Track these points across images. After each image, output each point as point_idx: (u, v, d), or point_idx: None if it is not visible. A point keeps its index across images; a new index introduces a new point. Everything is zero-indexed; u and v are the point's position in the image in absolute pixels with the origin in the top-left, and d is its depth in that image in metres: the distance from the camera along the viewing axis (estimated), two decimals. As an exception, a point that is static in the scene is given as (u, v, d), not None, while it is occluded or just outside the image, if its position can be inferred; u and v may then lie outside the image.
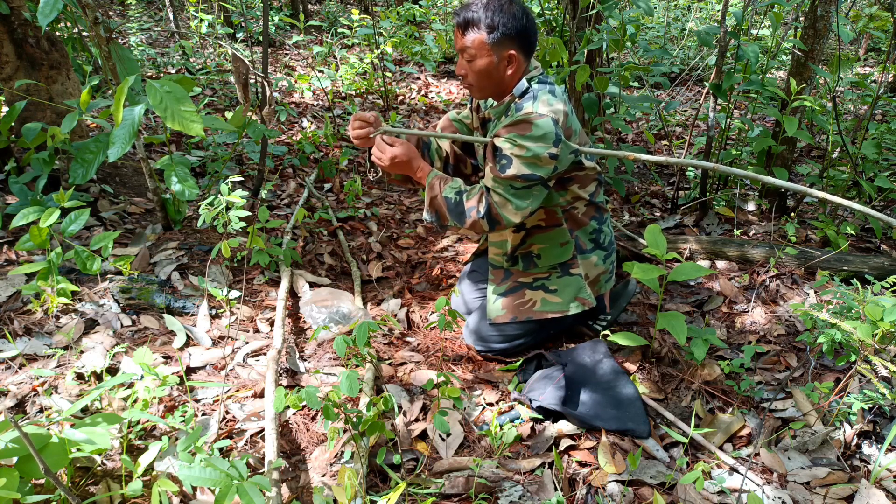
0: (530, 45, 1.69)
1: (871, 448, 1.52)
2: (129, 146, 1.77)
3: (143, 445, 1.39)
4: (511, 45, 1.64)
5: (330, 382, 1.76)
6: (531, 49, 1.71)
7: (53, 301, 1.79)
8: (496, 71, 1.67)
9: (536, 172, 1.64)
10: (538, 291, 1.89)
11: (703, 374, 1.81)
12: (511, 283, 1.92)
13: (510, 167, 1.64)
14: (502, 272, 1.95)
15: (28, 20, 2.41)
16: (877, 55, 6.28)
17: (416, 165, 1.77)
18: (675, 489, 1.43)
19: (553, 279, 1.89)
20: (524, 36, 1.65)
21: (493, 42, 1.63)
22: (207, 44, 5.50)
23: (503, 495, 1.40)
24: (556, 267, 1.89)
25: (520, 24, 1.63)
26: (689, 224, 2.85)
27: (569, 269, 1.90)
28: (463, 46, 1.66)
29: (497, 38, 1.62)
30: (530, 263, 1.90)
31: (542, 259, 1.89)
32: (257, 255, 2.09)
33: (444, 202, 1.73)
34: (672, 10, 6.94)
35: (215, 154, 3.20)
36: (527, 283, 1.91)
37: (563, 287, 1.89)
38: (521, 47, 1.66)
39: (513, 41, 1.64)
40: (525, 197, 1.68)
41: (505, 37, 1.62)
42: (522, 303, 1.89)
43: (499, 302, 1.92)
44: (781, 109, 2.74)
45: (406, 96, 5.08)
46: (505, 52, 1.65)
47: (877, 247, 2.55)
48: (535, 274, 1.91)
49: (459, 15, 1.65)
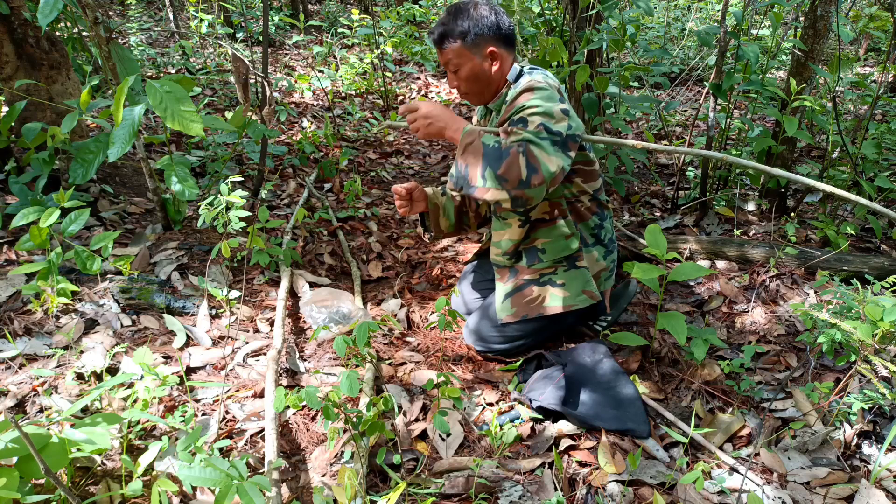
0: (508, 38, 1.73)
1: (871, 448, 1.52)
2: (129, 146, 1.77)
3: (143, 445, 1.39)
4: (488, 43, 1.70)
5: (330, 382, 1.76)
6: (510, 42, 1.74)
7: (53, 301, 1.79)
8: (483, 71, 1.74)
9: (553, 127, 1.59)
10: (545, 287, 1.87)
11: (703, 374, 1.81)
12: (517, 281, 1.90)
13: (529, 123, 1.60)
14: (507, 271, 1.94)
15: (28, 20, 2.41)
16: (877, 55, 6.28)
17: (449, 120, 1.70)
18: (675, 489, 1.43)
19: (559, 273, 1.87)
20: (497, 30, 1.70)
21: (471, 45, 1.69)
22: (207, 44, 5.50)
23: (503, 495, 1.40)
24: (561, 261, 1.88)
25: (489, 21, 1.69)
26: (689, 224, 2.84)
27: (575, 262, 1.88)
28: (446, 60, 1.73)
29: (472, 39, 1.69)
30: (534, 258, 1.88)
31: (547, 253, 1.87)
32: (257, 255, 2.09)
33: (482, 146, 1.61)
34: (672, 10, 6.93)
35: (215, 154, 3.20)
36: (533, 279, 1.88)
37: (570, 280, 1.86)
38: (498, 41, 1.71)
39: (489, 39, 1.70)
40: (557, 146, 1.59)
41: (479, 37, 1.69)
42: (531, 300, 1.87)
43: (507, 301, 1.90)
44: (781, 109, 2.74)
45: (406, 96, 5.08)
46: (485, 50, 1.71)
47: (877, 247, 2.55)
48: (541, 269, 1.88)
49: (433, 33, 1.73)
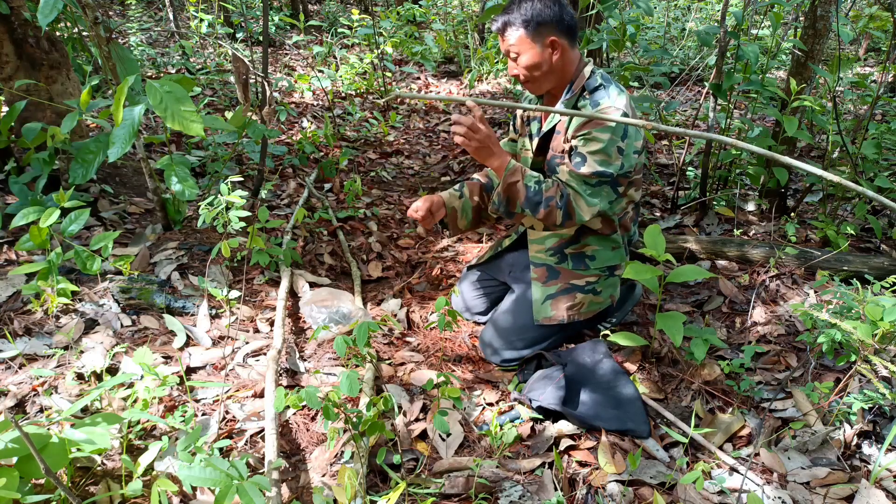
0: (570, 30, 1.72)
1: (871, 448, 1.52)
2: (129, 146, 1.77)
3: (143, 445, 1.39)
4: (550, 32, 1.68)
5: (330, 382, 1.76)
6: (573, 33, 1.73)
7: (53, 301, 1.79)
8: (544, 60, 1.71)
9: (607, 169, 1.68)
10: (588, 295, 1.91)
11: (703, 374, 1.81)
12: (563, 285, 1.91)
13: (584, 164, 1.69)
14: (546, 270, 1.93)
15: (28, 20, 2.41)
16: (877, 55, 6.28)
17: (499, 151, 1.73)
18: (675, 489, 1.43)
19: (601, 282, 1.92)
20: (560, 21, 1.68)
21: (532, 33, 1.67)
22: (207, 44, 5.50)
23: (503, 495, 1.40)
24: (605, 269, 1.91)
25: (552, 10, 1.67)
26: (689, 224, 2.84)
27: (614, 271, 1.94)
28: (507, 48, 1.72)
29: (534, 28, 1.67)
30: (581, 264, 1.90)
31: (596, 261, 1.90)
32: (257, 255, 2.09)
33: (524, 189, 1.72)
34: (672, 10, 6.94)
35: (215, 154, 3.20)
36: (579, 286, 1.90)
37: (605, 288, 1.93)
38: (560, 32, 1.69)
39: (551, 28, 1.68)
40: (596, 195, 1.71)
41: (541, 25, 1.67)
42: (572, 305, 1.90)
43: (548, 303, 1.91)
44: (781, 109, 2.74)
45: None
46: (546, 39, 1.69)
47: (877, 247, 2.55)
48: (587, 276, 1.91)
49: (497, 21, 1.71)
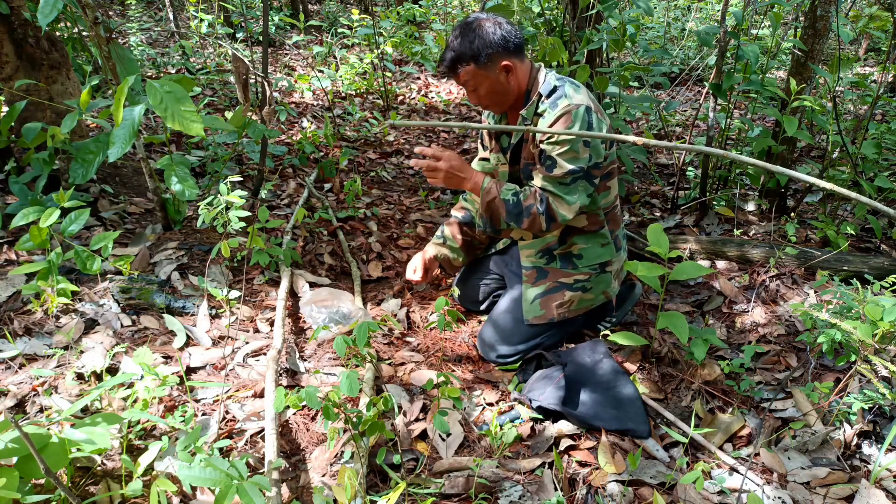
0: (517, 48, 1.73)
1: (871, 448, 1.52)
2: (129, 146, 1.77)
3: (143, 445, 1.39)
4: (500, 58, 1.70)
5: (330, 382, 1.76)
6: (521, 49, 1.75)
7: (53, 301, 1.79)
8: (501, 86, 1.74)
9: (577, 165, 1.70)
10: (577, 293, 1.92)
11: (703, 374, 1.81)
12: (551, 284, 1.92)
13: (555, 167, 1.71)
14: (535, 271, 1.95)
15: (28, 20, 2.41)
16: (877, 55, 6.28)
17: (469, 174, 1.80)
18: (675, 489, 1.43)
19: (591, 280, 1.92)
20: (506, 44, 1.69)
21: (483, 65, 1.69)
22: (207, 44, 5.50)
23: (503, 495, 1.40)
24: (595, 267, 1.92)
25: (495, 37, 1.68)
26: (689, 224, 2.84)
27: (605, 267, 1.94)
28: (463, 82, 1.74)
29: (484, 60, 1.68)
30: (569, 264, 1.91)
31: (584, 259, 1.90)
32: (257, 255, 2.09)
33: (503, 204, 1.76)
34: (672, 10, 6.94)
35: (215, 154, 3.20)
36: (567, 284, 1.91)
37: (596, 285, 1.93)
38: (509, 54, 1.71)
39: (500, 54, 1.69)
40: (573, 192, 1.74)
41: (490, 56, 1.68)
42: (561, 304, 1.91)
43: (537, 302, 1.92)
44: (781, 109, 2.74)
45: (406, 96, 5.08)
46: (498, 66, 1.70)
47: (877, 247, 2.55)
48: (576, 275, 1.91)
49: (444, 61, 1.73)
